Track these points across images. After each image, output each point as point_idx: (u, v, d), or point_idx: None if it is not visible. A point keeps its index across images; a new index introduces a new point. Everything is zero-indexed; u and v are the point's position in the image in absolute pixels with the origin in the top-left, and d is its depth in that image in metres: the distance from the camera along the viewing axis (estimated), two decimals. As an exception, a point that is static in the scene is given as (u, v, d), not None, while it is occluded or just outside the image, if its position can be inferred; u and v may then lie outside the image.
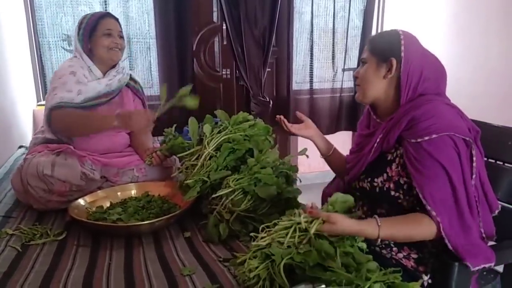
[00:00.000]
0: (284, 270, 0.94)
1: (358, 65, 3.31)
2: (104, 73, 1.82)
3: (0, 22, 2.39)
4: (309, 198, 1.23)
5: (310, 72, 3.40)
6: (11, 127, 2.42)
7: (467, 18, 2.87)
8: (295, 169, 1.48)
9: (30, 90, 2.85)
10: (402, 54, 1.17)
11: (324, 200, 1.46)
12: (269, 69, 3.19)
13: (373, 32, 3.44)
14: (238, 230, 1.35)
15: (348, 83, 3.45)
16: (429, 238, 1.08)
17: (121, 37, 1.82)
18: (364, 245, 1.01)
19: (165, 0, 2.81)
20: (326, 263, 0.92)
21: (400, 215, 1.12)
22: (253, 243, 1.05)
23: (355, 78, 1.30)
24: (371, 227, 1.03)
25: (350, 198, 1.08)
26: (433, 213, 1.05)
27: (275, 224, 1.10)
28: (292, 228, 1.01)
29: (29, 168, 1.55)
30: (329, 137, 3.48)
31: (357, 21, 3.36)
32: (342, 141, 3.61)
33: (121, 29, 1.84)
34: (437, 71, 1.21)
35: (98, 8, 2.76)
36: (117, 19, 1.83)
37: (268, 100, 3.11)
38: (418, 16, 3.30)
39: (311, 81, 3.41)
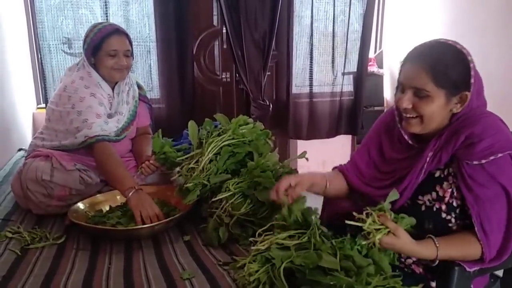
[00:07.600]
0: (284, 274, 0.94)
1: (358, 68, 3.36)
2: (113, 88, 1.77)
3: (1, 24, 2.39)
4: (308, 201, 1.22)
5: (309, 76, 3.40)
6: (11, 130, 2.42)
7: (466, 22, 2.88)
8: (294, 172, 1.47)
9: (30, 93, 2.86)
10: (472, 83, 1.03)
11: (325, 205, 1.43)
12: (269, 73, 3.19)
13: (373, 36, 3.43)
14: (238, 233, 1.35)
15: (348, 87, 3.45)
16: (473, 259, 1.06)
17: (128, 56, 1.71)
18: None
19: (166, 4, 2.81)
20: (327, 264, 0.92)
21: (452, 235, 1.08)
22: (253, 248, 1.04)
23: (404, 109, 1.08)
24: (429, 249, 1.03)
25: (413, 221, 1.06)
26: (482, 243, 1.03)
27: (273, 227, 1.09)
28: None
29: (28, 173, 1.54)
30: (329, 141, 3.44)
31: (356, 25, 3.37)
32: (342, 145, 3.61)
33: (130, 45, 1.73)
34: (481, 81, 1.09)
35: (98, 12, 2.75)
36: (126, 35, 1.72)
37: (268, 103, 3.12)
38: (417, 20, 3.31)
39: (310, 85, 3.41)
